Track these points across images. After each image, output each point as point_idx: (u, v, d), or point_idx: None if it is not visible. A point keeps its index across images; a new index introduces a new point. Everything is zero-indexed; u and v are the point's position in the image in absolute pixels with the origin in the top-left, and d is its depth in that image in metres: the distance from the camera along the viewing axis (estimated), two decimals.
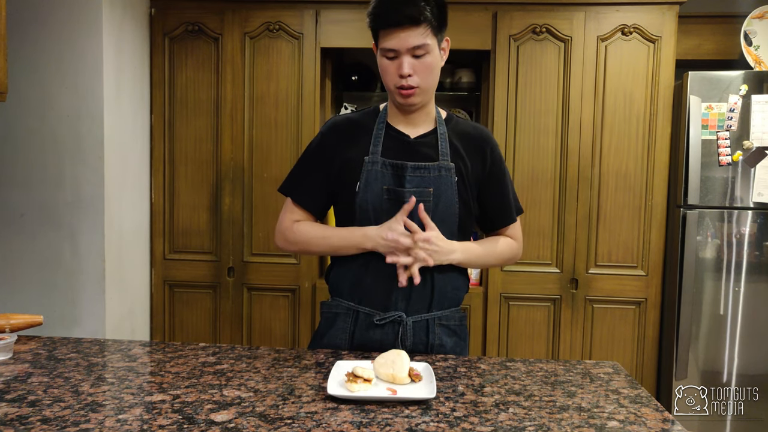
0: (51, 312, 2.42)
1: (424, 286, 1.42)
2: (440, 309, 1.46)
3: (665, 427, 1.04)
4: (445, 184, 1.41)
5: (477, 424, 1.02)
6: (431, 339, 1.45)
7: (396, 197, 1.40)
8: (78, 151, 2.44)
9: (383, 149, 1.42)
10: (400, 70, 1.35)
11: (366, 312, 1.44)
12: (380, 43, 1.36)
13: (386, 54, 1.35)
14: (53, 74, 2.42)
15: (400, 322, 1.43)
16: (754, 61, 2.80)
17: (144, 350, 1.41)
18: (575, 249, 2.76)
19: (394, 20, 1.31)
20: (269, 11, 2.76)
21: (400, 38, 1.32)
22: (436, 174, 1.41)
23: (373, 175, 1.41)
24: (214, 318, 2.88)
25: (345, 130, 1.48)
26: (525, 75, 2.74)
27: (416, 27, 1.31)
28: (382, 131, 1.45)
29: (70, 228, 2.45)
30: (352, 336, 1.45)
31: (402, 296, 1.42)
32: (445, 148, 1.43)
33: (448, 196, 1.41)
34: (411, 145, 1.44)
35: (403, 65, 1.34)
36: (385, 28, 1.33)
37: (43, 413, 1.02)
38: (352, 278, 1.46)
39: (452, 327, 1.48)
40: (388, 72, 1.37)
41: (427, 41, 1.33)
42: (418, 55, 1.34)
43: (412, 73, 1.34)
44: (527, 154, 2.75)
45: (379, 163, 1.41)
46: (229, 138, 2.81)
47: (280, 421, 1.01)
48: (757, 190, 2.61)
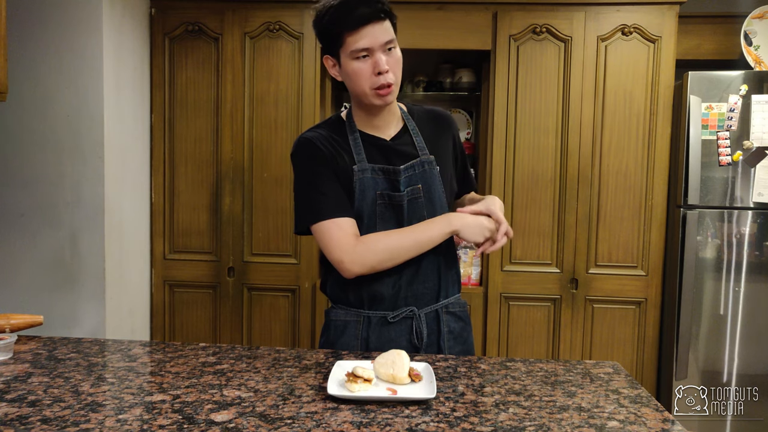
0: (51, 312, 2.42)
1: (432, 279, 1.45)
2: (446, 297, 1.48)
3: (665, 427, 1.04)
4: (431, 177, 1.43)
5: (477, 424, 1.02)
6: (441, 327, 1.47)
7: (390, 201, 1.41)
8: (78, 151, 2.44)
9: (367, 156, 1.41)
10: (377, 68, 1.31)
11: (378, 315, 1.44)
12: (348, 47, 1.32)
13: (357, 55, 1.32)
14: (53, 74, 2.42)
15: (413, 316, 1.44)
16: (754, 61, 2.80)
17: (144, 350, 1.41)
18: (575, 249, 2.76)
19: (363, 18, 1.28)
20: (269, 11, 2.76)
21: (373, 35, 1.30)
22: (420, 170, 1.43)
23: (366, 182, 1.40)
24: (214, 318, 2.88)
25: (324, 144, 1.41)
26: (525, 75, 2.74)
27: (383, 21, 1.31)
28: (358, 139, 1.43)
29: (70, 228, 2.45)
30: (367, 340, 1.44)
31: (410, 294, 1.43)
32: (421, 142, 1.45)
33: (435, 188, 1.44)
34: (390, 148, 1.43)
35: (381, 61, 1.31)
36: (355, 27, 1.29)
37: (43, 413, 1.02)
38: (354, 287, 1.43)
39: (458, 313, 1.51)
40: (361, 74, 1.33)
41: (393, 35, 1.33)
42: (389, 49, 1.33)
43: (388, 68, 1.32)
44: (527, 154, 2.75)
45: (368, 170, 1.40)
46: (229, 138, 2.81)
47: (280, 421, 1.01)
48: (757, 190, 2.61)
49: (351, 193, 1.40)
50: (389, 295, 1.42)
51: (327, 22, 1.33)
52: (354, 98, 1.43)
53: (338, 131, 1.45)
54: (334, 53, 1.37)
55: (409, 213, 1.41)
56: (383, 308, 1.44)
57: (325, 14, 1.33)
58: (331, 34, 1.34)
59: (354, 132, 1.44)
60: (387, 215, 1.40)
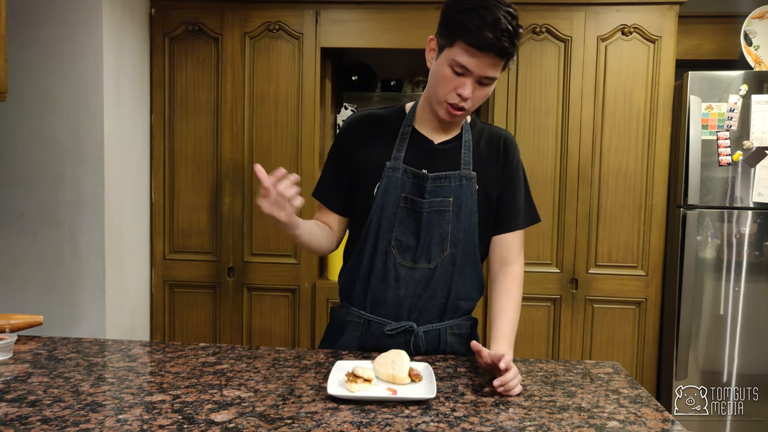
0: (51, 312, 2.42)
1: (440, 296, 1.41)
2: (452, 318, 1.44)
3: (665, 427, 1.04)
4: (466, 193, 1.38)
5: (477, 424, 1.02)
6: (443, 347, 1.43)
7: (413, 206, 1.37)
8: (78, 151, 2.44)
9: (406, 155, 1.39)
10: (461, 90, 1.27)
11: (377, 321, 1.42)
12: (453, 53, 1.25)
13: (455, 67, 1.26)
14: (53, 74, 2.42)
15: (412, 331, 1.41)
16: (754, 61, 2.80)
17: (144, 350, 1.41)
18: (575, 249, 2.76)
19: (485, 45, 1.22)
20: (269, 11, 2.76)
21: (480, 64, 1.24)
22: (456, 183, 1.38)
23: (393, 181, 1.38)
24: (214, 318, 2.88)
25: (367, 128, 1.44)
26: (525, 75, 2.74)
27: (499, 60, 1.25)
28: (407, 135, 1.41)
29: (70, 228, 2.45)
30: (362, 345, 1.44)
31: (414, 306, 1.40)
32: (468, 156, 1.40)
33: (468, 206, 1.38)
34: (434, 152, 1.40)
35: (466, 87, 1.27)
36: (472, 44, 1.22)
37: (43, 413, 1.02)
38: (360, 286, 1.43)
39: (464, 335, 1.47)
40: (446, 84, 1.29)
41: (497, 74, 1.28)
42: (483, 83, 1.28)
43: (470, 97, 1.28)
44: (527, 154, 2.75)
45: (400, 170, 1.38)
46: (229, 138, 2.81)
47: (280, 421, 1.01)
48: (757, 190, 2.61)
49: (373, 186, 1.39)
50: (393, 302, 1.40)
51: (457, 21, 1.24)
52: (427, 92, 1.39)
53: (394, 120, 1.44)
54: (441, 43, 1.30)
55: (429, 224, 1.37)
56: (384, 314, 1.42)
57: (463, 11, 1.24)
58: (451, 28, 1.26)
59: (407, 127, 1.42)
60: (407, 221, 1.38)
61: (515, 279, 1.43)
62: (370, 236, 1.40)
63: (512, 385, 1.15)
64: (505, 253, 1.45)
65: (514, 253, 1.45)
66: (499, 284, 1.43)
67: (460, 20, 1.24)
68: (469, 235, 1.40)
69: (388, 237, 1.39)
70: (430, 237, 1.38)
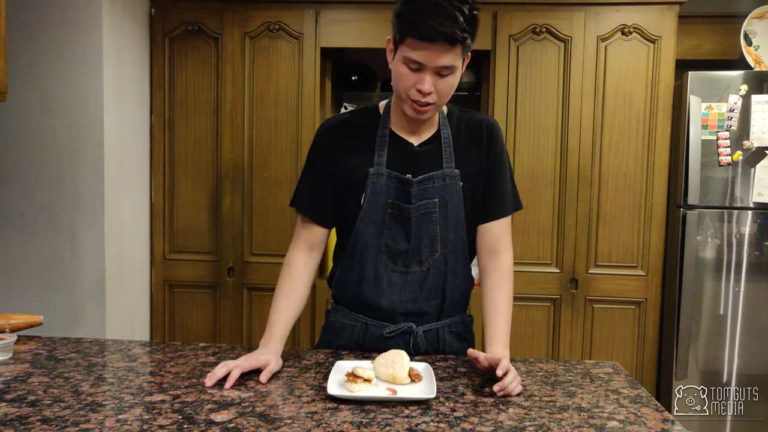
0: (51, 312, 2.42)
1: (435, 298, 1.40)
2: (449, 316, 1.44)
3: (665, 427, 1.04)
4: (450, 192, 1.36)
5: (477, 424, 1.02)
6: (442, 346, 1.43)
7: (400, 211, 1.36)
8: (78, 151, 2.44)
9: (388, 159, 1.35)
10: (420, 86, 1.23)
11: (375, 324, 1.41)
12: (404, 50, 1.22)
13: (408, 63, 1.23)
14: (53, 74, 2.42)
15: (411, 332, 1.40)
16: (754, 61, 2.80)
17: (144, 350, 1.41)
18: (575, 249, 2.76)
19: (429, 34, 1.17)
20: (269, 11, 2.76)
21: (430, 55, 1.20)
22: (440, 183, 1.35)
23: (379, 187, 1.35)
24: (214, 318, 2.88)
25: (343, 134, 1.40)
26: (525, 75, 2.74)
27: (451, 47, 1.19)
28: (386, 138, 1.36)
29: (70, 228, 2.45)
30: (362, 347, 1.43)
31: (411, 309, 1.39)
32: (449, 153, 1.37)
33: (454, 205, 1.36)
34: (415, 155, 1.37)
35: (425, 82, 1.23)
36: (417, 37, 1.18)
37: (43, 413, 1.02)
38: (353, 292, 1.42)
39: (461, 333, 1.46)
40: (404, 81, 1.25)
41: (456, 63, 1.22)
42: (443, 74, 1.23)
43: (432, 91, 1.24)
44: (527, 154, 2.75)
45: (384, 175, 1.34)
46: (229, 138, 2.81)
47: (280, 421, 1.01)
48: (757, 190, 2.61)
49: (358, 195, 1.36)
50: (388, 307, 1.39)
51: (399, 16, 1.22)
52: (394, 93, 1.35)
53: (370, 122, 1.39)
54: (394, 41, 1.27)
55: (418, 227, 1.36)
56: (380, 317, 1.41)
57: (403, 7, 1.22)
58: (398, 25, 1.23)
59: (384, 130, 1.37)
60: (395, 227, 1.36)
61: (505, 272, 1.40)
62: (358, 244, 1.38)
63: (512, 387, 1.15)
64: (494, 243, 1.42)
65: (502, 242, 1.42)
66: (490, 279, 1.40)
67: (403, 14, 1.21)
68: (458, 233, 1.38)
69: (377, 243, 1.37)
70: (420, 240, 1.36)
